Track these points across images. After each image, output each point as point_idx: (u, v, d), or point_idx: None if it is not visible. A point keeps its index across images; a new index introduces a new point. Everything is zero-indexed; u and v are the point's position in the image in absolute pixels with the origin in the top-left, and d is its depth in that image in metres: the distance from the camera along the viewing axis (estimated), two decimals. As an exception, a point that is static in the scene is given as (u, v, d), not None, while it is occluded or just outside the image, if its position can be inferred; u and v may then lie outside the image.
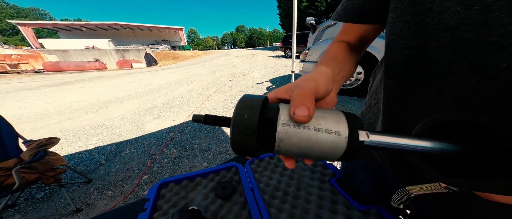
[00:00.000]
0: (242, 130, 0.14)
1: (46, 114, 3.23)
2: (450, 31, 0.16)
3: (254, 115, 0.14)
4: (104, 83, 6.03)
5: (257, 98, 0.16)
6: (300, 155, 0.15)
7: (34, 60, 11.56)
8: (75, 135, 2.34)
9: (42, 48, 17.93)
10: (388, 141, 0.15)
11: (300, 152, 0.15)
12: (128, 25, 32.92)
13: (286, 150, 0.15)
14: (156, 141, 2.07)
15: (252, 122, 0.14)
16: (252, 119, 0.14)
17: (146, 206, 0.43)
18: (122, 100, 3.85)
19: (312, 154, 0.15)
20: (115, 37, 34.31)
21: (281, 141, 0.15)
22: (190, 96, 3.82)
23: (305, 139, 0.14)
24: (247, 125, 0.14)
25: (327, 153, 0.15)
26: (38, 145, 1.12)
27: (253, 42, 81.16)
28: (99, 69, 11.68)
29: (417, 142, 0.15)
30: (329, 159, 0.15)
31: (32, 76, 8.66)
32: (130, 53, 14.01)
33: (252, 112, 0.15)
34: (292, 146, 0.15)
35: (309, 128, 0.14)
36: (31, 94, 4.74)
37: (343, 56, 0.30)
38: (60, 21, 33.17)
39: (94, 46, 19.83)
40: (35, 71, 10.52)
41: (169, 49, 24.76)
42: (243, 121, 0.14)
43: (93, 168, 1.68)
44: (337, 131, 0.14)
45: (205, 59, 13.43)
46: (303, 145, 0.15)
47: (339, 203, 0.44)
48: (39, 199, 1.36)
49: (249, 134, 0.14)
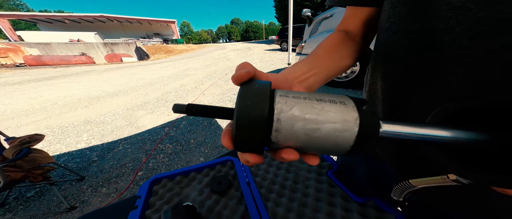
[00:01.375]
0: (251, 122, 0.12)
1: (31, 110, 3.07)
2: (457, 10, 0.15)
3: (264, 104, 0.12)
4: (92, 78, 5.77)
5: (263, 85, 0.14)
6: (300, 146, 0.13)
7: (14, 53, 10.80)
8: (63, 132, 2.25)
9: (21, 41, 16.73)
10: (405, 131, 0.13)
11: (299, 143, 0.13)
12: (116, 18, 31.07)
13: (284, 137, 0.13)
14: (150, 136, 2.03)
15: (262, 113, 0.12)
16: (262, 109, 0.12)
17: (137, 203, 0.41)
18: (113, 95, 3.71)
19: (314, 145, 0.13)
20: (101, 30, 32.45)
21: (279, 129, 0.12)
22: (184, 91, 3.73)
23: (307, 125, 0.12)
24: (258, 116, 0.12)
25: (333, 144, 0.12)
26: (20, 142, 1.06)
27: (249, 35, 79.38)
28: (87, 63, 11.11)
29: (440, 132, 0.13)
30: (335, 152, 0.13)
31: (13, 71, 8.13)
32: (119, 47, 13.34)
33: (261, 101, 0.12)
34: (291, 134, 0.12)
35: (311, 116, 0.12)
36: (13, 90, 4.47)
37: (327, 50, 0.28)
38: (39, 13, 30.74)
39: (79, 39, 18.72)
40: (16, 66, 9.87)
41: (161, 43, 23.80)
42: (252, 112, 0.12)
43: (85, 165, 1.63)
44: (345, 119, 0.12)
45: (199, 53, 13.06)
46: (306, 132, 0.12)
47: (336, 195, 0.44)
48: (29, 197, 1.32)
49: (258, 127, 0.12)
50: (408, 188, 0.22)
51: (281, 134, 0.12)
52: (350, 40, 0.30)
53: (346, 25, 0.32)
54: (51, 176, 1.33)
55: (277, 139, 0.12)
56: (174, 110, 0.15)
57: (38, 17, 28.02)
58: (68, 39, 17.98)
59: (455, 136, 0.13)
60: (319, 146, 0.13)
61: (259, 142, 0.12)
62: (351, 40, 0.30)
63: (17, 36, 21.96)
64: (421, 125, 0.13)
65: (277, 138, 0.12)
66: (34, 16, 27.74)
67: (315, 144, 0.12)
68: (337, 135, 0.12)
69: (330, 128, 0.12)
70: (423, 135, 0.13)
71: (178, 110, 0.15)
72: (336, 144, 0.12)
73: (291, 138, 0.12)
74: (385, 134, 0.13)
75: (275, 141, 0.13)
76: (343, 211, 0.39)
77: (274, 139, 0.12)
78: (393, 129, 0.13)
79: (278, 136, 0.12)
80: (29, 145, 1.08)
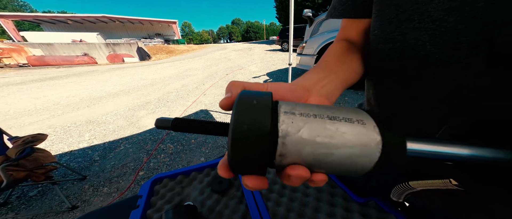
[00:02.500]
0: (250, 142, 0.10)
1: (34, 109, 3.10)
2: (437, 22, 0.15)
3: (265, 120, 0.10)
4: (94, 78, 5.81)
5: (263, 97, 0.11)
6: (308, 167, 0.11)
7: (17, 54, 10.92)
8: (66, 131, 2.27)
9: (25, 41, 16.91)
10: (432, 150, 0.11)
11: (307, 165, 0.11)
12: (118, 18, 31.31)
13: (290, 161, 0.11)
14: (151, 136, 2.04)
15: (263, 131, 0.10)
16: (263, 126, 0.10)
17: (138, 202, 0.41)
18: (115, 96, 3.73)
19: (324, 169, 0.11)
20: (103, 30, 32.74)
21: (284, 154, 0.10)
22: (186, 91, 3.74)
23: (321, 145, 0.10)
24: (258, 135, 0.10)
25: (346, 170, 0.11)
26: (24, 141, 1.07)
27: (250, 35, 79.43)
28: (89, 63, 11.20)
29: (467, 150, 0.11)
30: (348, 175, 0.11)
31: (16, 71, 8.22)
32: (121, 47, 13.43)
33: (262, 116, 0.10)
34: (298, 159, 0.11)
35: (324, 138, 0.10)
36: (16, 90, 4.52)
37: (337, 58, 0.27)
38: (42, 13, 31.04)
39: (81, 39, 18.89)
40: (19, 66, 9.98)
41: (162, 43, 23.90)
42: (251, 130, 0.10)
43: (87, 165, 1.64)
44: (364, 143, 0.10)
45: (200, 53, 13.10)
46: (317, 158, 0.10)
47: (337, 195, 0.43)
48: (32, 197, 1.33)
49: (258, 149, 0.10)
50: (407, 189, 0.22)
51: (286, 159, 0.11)
52: (355, 48, 0.29)
53: (346, 35, 0.31)
54: (53, 175, 1.34)
55: (282, 163, 0.11)
56: (157, 126, 0.13)
57: (41, 17, 28.32)
58: (70, 40, 18.17)
59: (486, 154, 0.11)
60: (330, 170, 0.11)
61: (259, 164, 0.11)
62: (356, 47, 0.30)
63: (20, 37, 22.22)
64: (446, 142, 0.12)
65: (281, 162, 0.11)
66: (37, 16, 28.05)
67: (325, 168, 0.11)
68: (354, 161, 0.10)
69: (346, 153, 0.10)
70: (450, 154, 0.12)
71: (162, 126, 0.13)
72: (349, 170, 0.11)
73: (297, 161, 0.11)
74: (411, 152, 0.11)
75: (278, 164, 0.11)
76: (343, 211, 0.39)
77: (278, 163, 0.11)
78: (420, 147, 0.11)
79: (282, 160, 0.11)
80: (32, 144, 1.09)
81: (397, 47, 0.19)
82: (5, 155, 1.07)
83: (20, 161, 1.01)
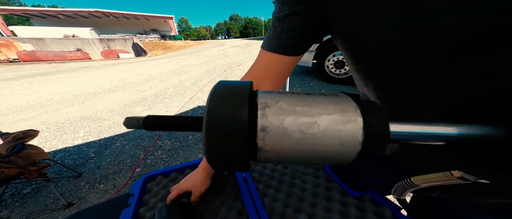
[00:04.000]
0: (226, 125, 0.09)
1: (26, 105, 3.01)
2: None
3: (242, 102, 0.09)
4: (89, 74, 5.67)
5: (240, 85, 0.11)
6: (291, 161, 0.11)
7: (7, 49, 10.53)
8: (60, 128, 2.22)
9: (14, 36, 16.31)
10: (416, 131, 0.11)
11: (295, 145, 0.10)
12: (112, 13, 30.37)
13: (274, 139, 0.10)
14: (148, 132, 2.01)
15: (241, 112, 0.09)
16: (240, 107, 0.09)
17: (130, 201, 0.40)
18: (110, 92, 3.66)
19: (313, 147, 0.10)
20: (97, 25, 31.77)
21: (266, 127, 0.10)
22: (183, 87, 3.69)
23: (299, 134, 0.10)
24: (234, 117, 0.09)
25: (338, 143, 0.10)
26: (14, 138, 1.04)
27: (248, 32, 78.43)
28: (82, 59, 10.90)
29: (454, 129, 0.11)
30: (344, 156, 0.10)
31: (6, 67, 7.96)
32: (115, 42, 13.07)
33: (239, 99, 0.10)
34: (282, 133, 0.10)
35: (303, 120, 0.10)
36: (7, 85, 4.39)
37: None
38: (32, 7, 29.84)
39: (74, 35, 18.31)
40: (10, 61, 9.65)
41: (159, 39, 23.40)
42: (226, 114, 0.09)
43: (83, 162, 1.61)
44: (343, 109, 0.10)
45: (198, 49, 12.89)
46: (300, 128, 0.10)
47: (334, 190, 0.43)
48: (26, 194, 1.31)
49: (237, 132, 0.09)
50: (409, 186, 0.21)
51: (269, 134, 0.10)
52: None
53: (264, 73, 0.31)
54: (47, 172, 1.32)
55: (265, 142, 0.10)
56: (126, 125, 0.12)
57: (31, 12, 27.27)
58: (62, 35, 17.59)
59: (470, 132, 0.11)
60: (322, 148, 0.10)
61: (241, 151, 0.09)
62: None
63: (10, 31, 21.41)
64: (436, 123, 0.11)
65: (264, 140, 0.10)
66: (26, 10, 26.99)
67: (314, 146, 0.10)
68: (340, 129, 0.09)
69: (328, 120, 0.09)
70: (443, 134, 0.11)
71: (132, 124, 0.12)
72: (341, 143, 0.10)
73: (282, 138, 0.10)
74: (395, 135, 0.11)
75: (262, 147, 0.10)
76: (340, 205, 0.39)
77: (261, 143, 0.10)
78: (403, 128, 0.11)
79: (265, 136, 0.10)
80: (23, 140, 1.06)
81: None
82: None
83: (11, 157, 0.99)
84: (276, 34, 0.27)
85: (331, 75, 3.05)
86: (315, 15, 0.23)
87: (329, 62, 3.00)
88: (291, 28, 0.25)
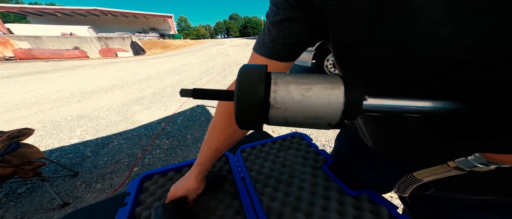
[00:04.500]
0: (249, 101, 0.13)
1: (22, 104, 2.97)
2: None
3: (260, 83, 0.14)
4: (86, 73, 5.62)
5: (259, 68, 0.15)
6: (295, 121, 0.14)
7: (3, 46, 10.40)
8: (56, 126, 2.19)
9: (11, 33, 16.10)
10: (387, 104, 0.14)
11: (296, 104, 0.14)
12: (110, 11, 30.10)
13: (282, 98, 0.14)
14: (146, 131, 2.00)
15: (259, 92, 0.13)
16: (258, 88, 0.13)
17: (126, 200, 0.40)
18: (107, 90, 3.62)
19: (310, 105, 0.14)
20: (95, 24, 31.48)
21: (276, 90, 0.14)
22: (181, 86, 3.68)
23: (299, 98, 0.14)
24: (254, 95, 0.13)
25: (326, 103, 0.13)
26: (9, 136, 1.02)
27: (248, 31, 78.35)
28: (80, 57, 10.79)
29: (419, 103, 0.14)
30: (331, 113, 0.14)
31: (2, 64, 7.85)
32: (113, 41, 12.96)
33: (257, 81, 0.14)
34: (287, 95, 0.14)
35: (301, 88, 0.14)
36: (3, 84, 4.33)
37: (223, 124, 0.31)
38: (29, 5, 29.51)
39: (72, 33, 18.13)
40: (6, 59, 9.52)
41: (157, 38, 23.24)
42: (249, 91, 0.13)
43: (79, 161, 1.60)
44: (331, 81, 0.14)
45: (197, 48, 12.85)
46: (300, 92, 0.14)
47: (331, 189, 0.43)
48: (21, 193, 1.29)
49: (255, 105, 0.13)
50: (413, 182, 0.21)
51: (278, 94, 0.13)
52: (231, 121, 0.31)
53: None
54: (43, 172, 1.30)
55: (276, 100, 0.14)
56: (181, 94, 0.17)
57: (27, 9, 26.92)
58: (60, 33, 17.40)
59: (435, 105, 0.14)
60: (316, 106, 0.13)
61: (257, 121, 0.14)
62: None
63: (6, 29, 21.13)
64: (404, 98, 0.14)
65: (275, 99, 0.14)
66: (23, 8, 26.63)
67: (311, 104, 0.13)
68: (328, 93, 0.13)
69: (321, 87, 0.13)
70: (405, 107, 0.14)
71: (185, 94, 0.17)
72: (329, 103, 0.13)
73: (287, 98, 0.13)
74: (370, 107, 0.14)
75: (273, 104, 0.14)
76: (337, 204, 0.39)
77: (273, 101, 0.14)
78: (377, 102, 0.14)
79: (276, 96, 0.13)
80: (18, 139, 1.05)
81: None
82: (-11, 150, 1.02)
83: (6, 156, 0.97)
84: (271, 40, 0.26)
85: (326, 72, 3.06)
86: (312, 21, 0.23)
87: (328, 62, 3.01)
88: (287, 35, 0.24)
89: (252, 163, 0.53)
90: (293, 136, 0.66)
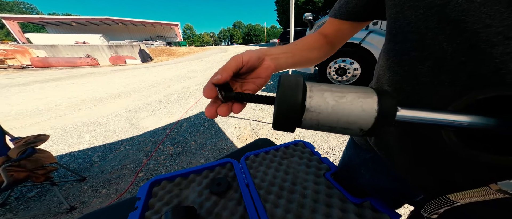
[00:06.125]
0: (288, 105, 0.15)
1: (36, 110, 3.12)
2: (454, 23, 0.15)
3: (298, 90, 0.15)
4: (96, 80, 5.85)
5: (297, 77, 0.16)
6: (327, 124, 0.15)
7: (21, 55, 11.05)
8: (67, 132, 2.28)
9: (29, 43, 17.18)
10: (421, 116, 0.14)
11: (330, 108, 0.15)
12: (121, 20, 31.71)
13: (317, 102, 0.15)
14: (151, 138, 2.04)
15: (297, 97, 0.15)
16: (297, 94, 0.15)
17: (136, 204, 0.42)
18: (116, 97, 3.75)
19: (343, 110, 0.15)
20: (107, 32, 33.17)
21: (311, 96, 0.15)
22: (186, 93, 3.76)
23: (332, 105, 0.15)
24: (292, 100, 0.15)
25: (360, 109, 0.14)
26: (26, 142, 1.08)
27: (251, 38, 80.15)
28: (91, 65, 11.30)
29: (455, 117, 0.14)
30: (364, 119, 0.14)
31: (19, 72, 8.30)
32: (123, 49, 13.57)
33: (296, 89, 0.15)
34: (322, 100, 0.15)
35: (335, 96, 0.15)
36: (19, 91, 4.56)
37: (305, 44, 0.33)
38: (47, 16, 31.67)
39: (85, 41, 19.14)
40: (23, 67, 10.09)
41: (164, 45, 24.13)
42: (289, 96, 0.15)
43: (87, 166, 1.64)
44: (364, 91, 0.15)
45: (201, 55, 13.21)
46: (334, 98, 0.15)
47: (334, 196, 0.44)
48: (31, 197, 1.33)
49: (293, 109, 0.15)
50: (446, 203, 0.19)
51: (313, 99, 0.15)
52: (324, 41, 0.36)
53: (324, 29, 0.37)
54: (53, 176, 1.35)
55: (311, 104, 0.15)
56: (225, 99, 0.19)
57: (46, 20, 28.77)
58: (74, 41, 18.40)
59: (471, 121, 0.13)
60: (349, 112, 0.14)
61: (291, 124, 0.15)
62: (325, 43, 0.36)
63: (25, 39, 22.56)
64: (440, 111, 0.14)
65: (311, 103, 0.15)
66: (42, 19, 28.49)
67: (344, 110, 0.14)
68: (361, 101, 0.14)
69: (354, 95, 0.14)
70: (441, 120, 0.14)
71: (228, 98, 0.19)
72: (363, 109, 0.14)
73: (322, 103, 0.15)
74: (403, 118, 0.14)
75: (309, 108, 0.15)
76: (340, 211, 0.39)
77: (308, 105, 0.15)
78: (411, 114, 0.14)
79: (311, 101, 0.15)
80: (34, 145, 1.10)
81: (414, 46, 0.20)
82: (7, 155, 1.07)
83: (21, 161, 1.02)
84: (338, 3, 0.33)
85: (332, 82, 3.07)
86: None
87: (331, 69, 3.03)
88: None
89: (256, 170, 0.55)
90: (296, 143, 0.67)
